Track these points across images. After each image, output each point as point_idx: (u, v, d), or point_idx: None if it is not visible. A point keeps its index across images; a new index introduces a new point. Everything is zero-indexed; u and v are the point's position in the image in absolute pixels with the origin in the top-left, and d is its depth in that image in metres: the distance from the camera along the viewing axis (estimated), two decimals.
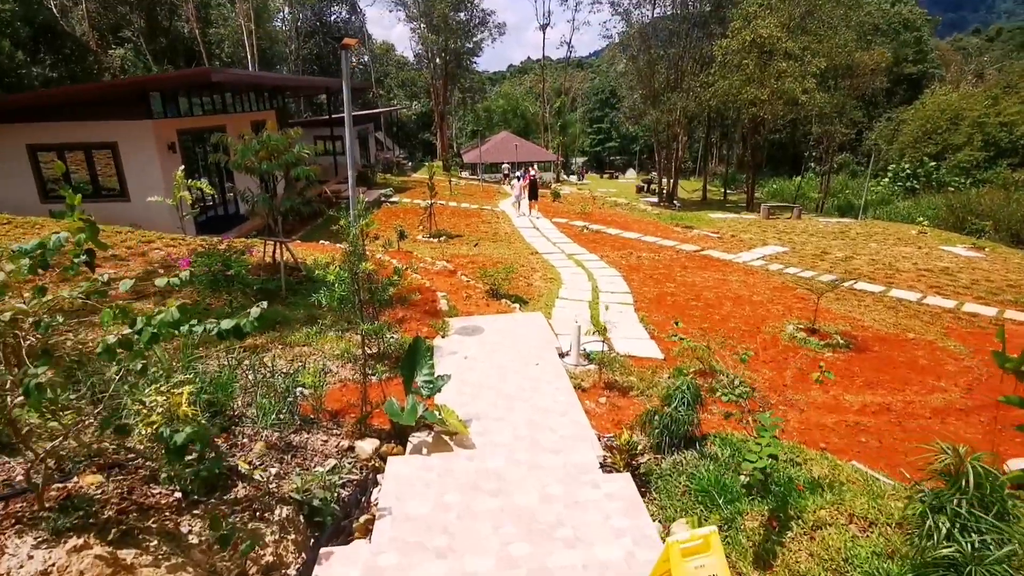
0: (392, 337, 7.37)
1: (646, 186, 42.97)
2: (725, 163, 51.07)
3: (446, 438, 5.33)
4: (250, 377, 5.47)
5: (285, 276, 9.14)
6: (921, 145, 39.12)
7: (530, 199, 22.85)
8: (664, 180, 37.20)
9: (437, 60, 42.67)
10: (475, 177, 40.36)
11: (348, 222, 5.76)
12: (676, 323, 9.40)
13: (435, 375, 5.20)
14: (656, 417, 5.56)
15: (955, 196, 31.16)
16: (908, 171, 37.97)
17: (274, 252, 9.75)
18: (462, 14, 43.56)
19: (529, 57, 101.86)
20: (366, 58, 62.37)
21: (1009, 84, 41.54)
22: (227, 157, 9.58)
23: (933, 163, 37.83)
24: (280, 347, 7.06)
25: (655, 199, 36.67)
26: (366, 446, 5.05)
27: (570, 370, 7.40)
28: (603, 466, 5.15)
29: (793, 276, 15.25)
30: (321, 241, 15.23)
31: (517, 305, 10.18)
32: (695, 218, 27.60)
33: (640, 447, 5.43)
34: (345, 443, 5.09)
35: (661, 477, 5.08)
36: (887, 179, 39.05)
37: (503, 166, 41.16)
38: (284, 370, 5.74)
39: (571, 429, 5.80)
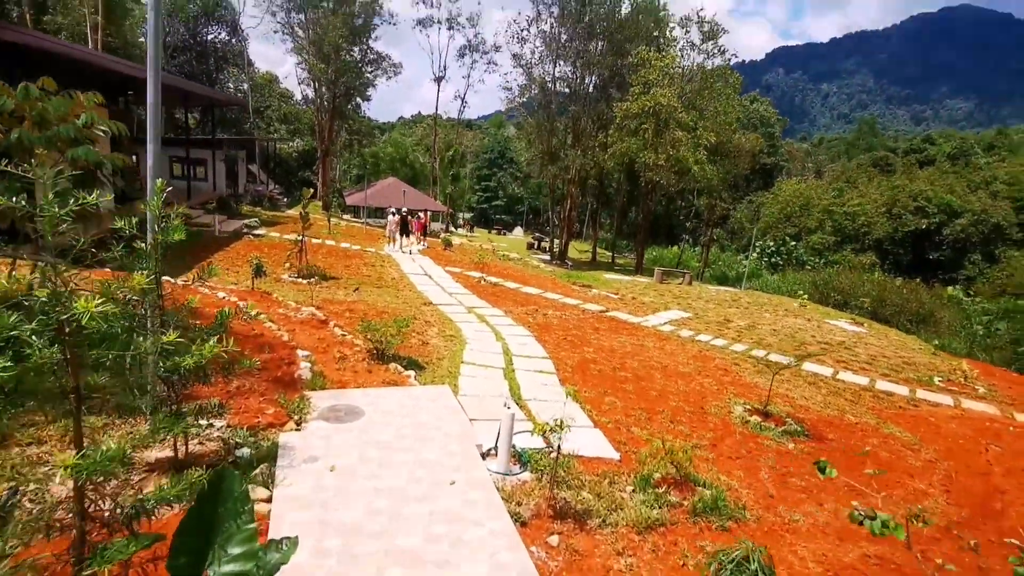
0: (206, 430, 4.37)
1: (536, 243, 42.33)
2: (610, 229, 52.67)
3: None
4: None
5: None
6: (782, 226, 42.67)
7: (405, 235, 23.07)
8: (556, 239, 36.62)
9: (324, 91, 39.57)
10: (358, 220, 37.12)
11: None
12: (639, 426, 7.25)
13: (259, 552, 2.36)
14: None
15: (816, 274, 33.65)
16: (772, 248, 40.95)
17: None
18: (356, 50, 41.24)
19: (420, 112, 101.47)
20: (245, 85, 57.51)
21: (849, 180, 47.28)
22: None
23: (793, 243, 41.23)
24: None
25: (547, 257, 35.80)
26: None
27: (498, 483, 4.86)
28: None
29: (706, 344, 14.18)
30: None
31: (412, 372, 7.48)
32: (591, 278, 26.70)
33: None
34: None
35: None
36: (755, 254, 41.85)
37: (390, 209, 38.42)
38: None
39: None
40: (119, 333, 2.59)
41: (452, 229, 52.26)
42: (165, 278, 10.81)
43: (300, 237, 14.39)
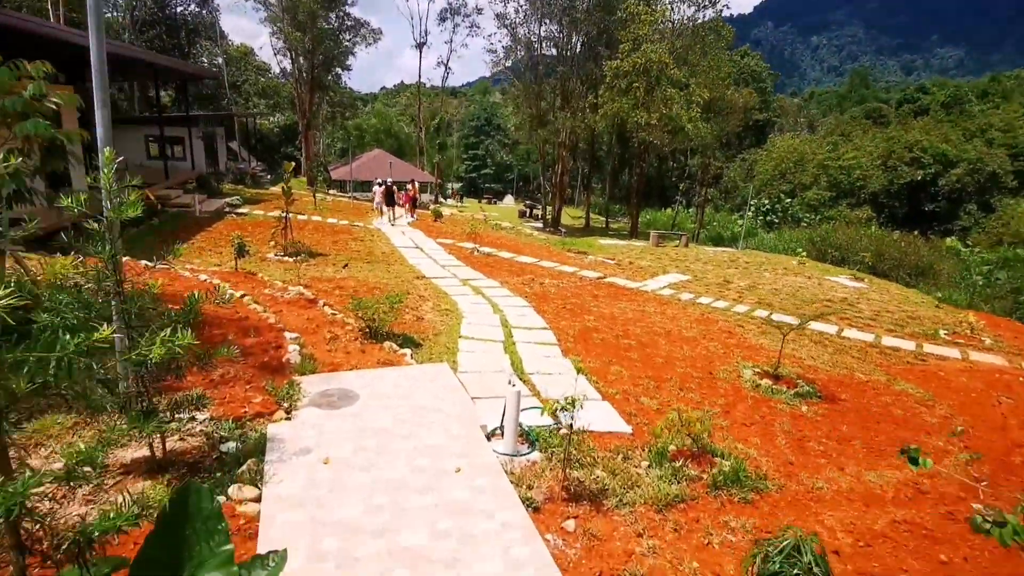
0: (187, 424, 3.98)
1: (528, 211, 41.67)
2: (601, 193, 51.97)
3: None
4: None
5: None
6: (777, 183, 42.13)
7: (391, 206, 22.87)
8: (548, 206, 36.00)
9: (302, 62, 38.18)
10: (345, 195, 36.32)
11: None
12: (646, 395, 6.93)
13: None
14: None
15: (813, 231, 33.32)
16: (768, 207, 40.49)
17: None
18: (332, 16, 39.64)
19: (403, 81, 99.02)
20: (220, 59, 55.66)
21: (843, 133, 46.57)
22: None
23: (788, 200, 40.78)
24: None
25: (539, 224, 35.24)
26: None
27: (506, 466, 4.53)
28: None
29: (708, 306, 13.89)
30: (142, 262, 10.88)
31: (408, 351, 7.10)
32: (585, 244, 26.25)
33: None
34: None
35: None
36: (750, 213, 41.42)
37: (376, 181, 37.62)
38: None
39: None
40: (40, 331, 2.16)
41: (441, 200, 51.41)
42: (142, 261, 10.33)
43: (284, 214, 13.82)
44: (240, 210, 20.49)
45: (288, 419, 4.67)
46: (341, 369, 6.11)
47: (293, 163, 13.63)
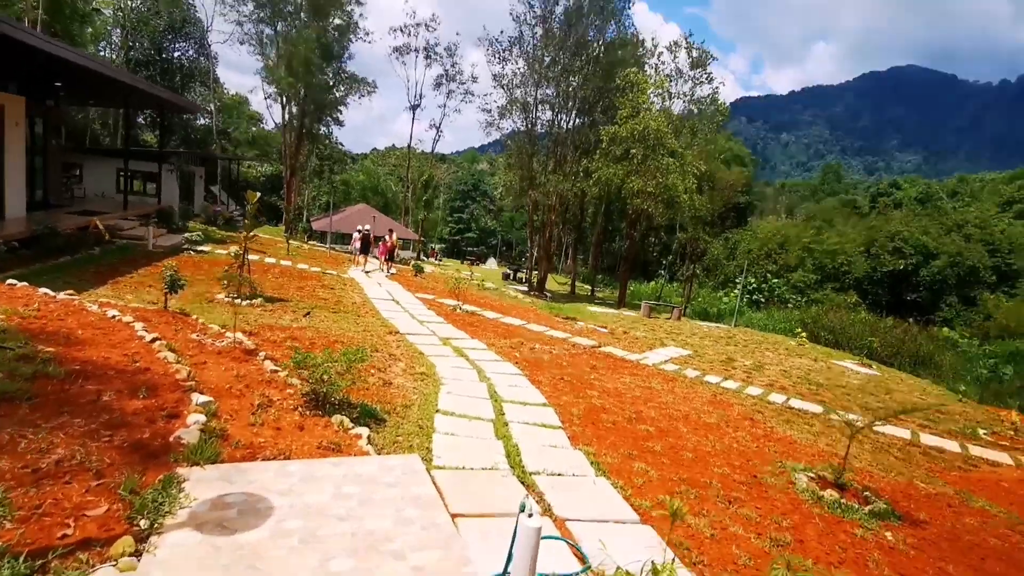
0: None
1: (512, 274, 40.32)
2: (583, 263, 51.21)
3: None
4: None
5: None
6: (764, 263, 41.73)
7: (364, 253, 21.85)
8: (533, 269, 34.68)
9: (293, 108, 37.38)
10: (323, 245, 34.63)
11: None
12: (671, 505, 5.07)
13: None
14: None
15: (803, 312, 32.43)
16: (754, 285, 39.85)
17: None
18: (328, 70, 39.32)
19: (394, 144, 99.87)
20: (213, 105, 55.08)
21: (826, 219, 47.03)
22: None
23: (775, 280, 40.23)
24: None
25: (524, 288, 33.75)
26: None
27: None
28: None
29: (717, 386, 12.28)
30: (43, 289, 8.81)
31: (364, 430, 5.11)
32: (574, 310, 24.69)
33: None
34: None
35: None
36: (736, 291, 40.69)
37: (357, 228, 36.13)
38: None
39: None
40: None
41: (423, 258, 49.99)
42: (42, 288, 8.31)
43: (242, 251, 11.96)
44: (201, 247, 18.52)
45: (135, 555, 2.66)
46: (260, 456, 4.11)
47: (258, 193, 11.89)
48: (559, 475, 5.06)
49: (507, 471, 4.75)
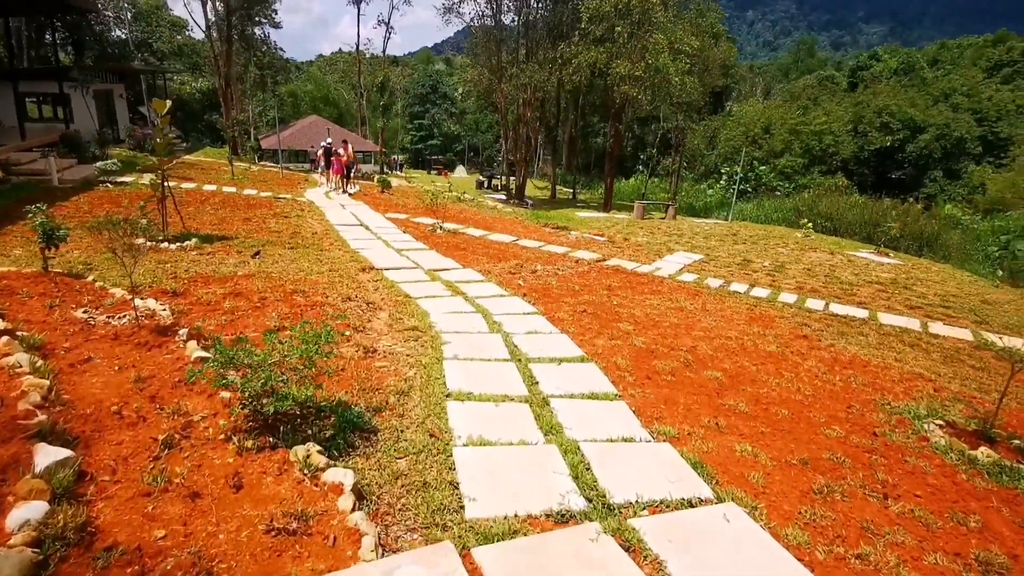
0: None
1: (487, 181, 37.50)
2: (558, 163, 48.14)
3: None
4: None
5: None
6: (750, 149, 39.53)
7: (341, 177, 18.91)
8: (510, 175, 31.99)
9: (218, 7, 32.22)
10: (276, 165, 31.10)
11: None
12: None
13: None
14: None
15: (796, 199, 30.85)
16: (740, 175, 37.95)
17: None
18: None
19: (340, 49, 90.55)
20: (128, 14, 48.10)
21: (812, 98, 44.41)
22: None
23: (762, 167, 38.28)
24: None
25: (502, 196, 31.22)
26: None
27: None
28: None
29: (748, 296, 10.67)
30: None
31: (346, 476, 3.13)
32: (563, 217, 22.58)
33: None
34: None
35: None
36: (722, 183, 38.76)
37: (311, 148, 32.59)
38: None
39: None
40: None
41: (387, 171, 46.45)
42: None
43: (159, 180, 9.39)
44: (121, 178, 15.54)
45: None
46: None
47: (169, 101, 9.11)
48: (663, 504, 3.24)
49: (593, 529, 2.89)
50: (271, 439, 3.29)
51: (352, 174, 20.78)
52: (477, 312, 7.07)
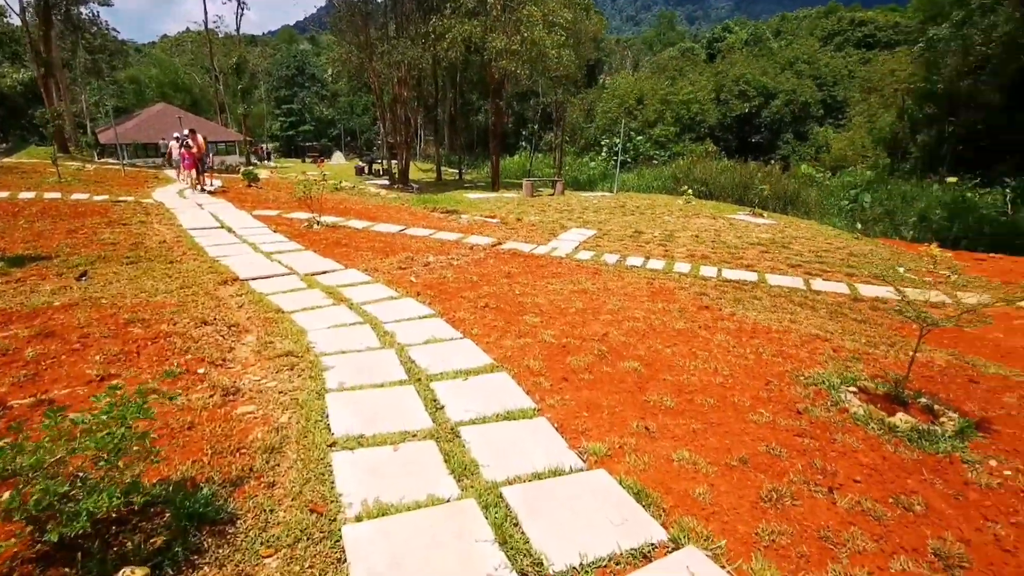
0: None
1: (367, 167, 35.45)
2: (440, 143, 46.87)
3: None
4: None
5: None
6: (626, 121, 40.72)
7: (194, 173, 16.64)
8: (392, 159, 30.37)
9: None
10: (119, 162, 27.15)
11: None
12: None
13: None
14: None
15: (673, 167, 32.19)
16: (620, 146, 39.08)
17: None
18: None
19: (188, 28, 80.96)
20: None
21: (678, 69, 46.57)
22: None
23: (639, 137, 39.60)
24: None
25: (385, 181, 29.58)
26: None
27: None
28: None
29: (645, 269, 10.70)
30: None
31: None
32: (451, 200, 21.68)
33: None
34: None
35: None
36: (603, 155, 39.65)
37: (162, 141, 28.90)
38: None
39: None
40: None
41: (255, 162, 42.63)
42: None
43: None
44: None
45: None
46: None
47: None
48: (613, 563, 2.64)
49: None
50: (67, 570, 2.27)
51: (207, 167, 18.44)
52: (364, 322, 6.13)
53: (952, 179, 21.75)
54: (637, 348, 6.12)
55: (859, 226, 16.91)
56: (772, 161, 38.21)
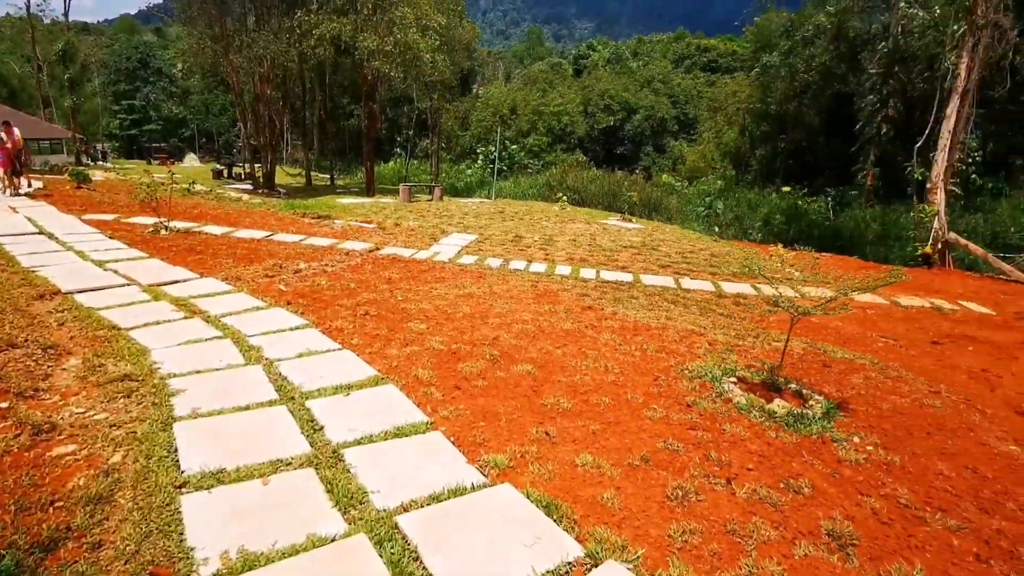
0: None
1: (227, 169, 32.45)
2: (309, 147, 44.43)
3: None
4: None
5: None
6: (501, 130, 41.41)
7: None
8: (255, 162, 28.05)
9: None
10: None
11: None
12: None
13: None
14: None
15: (547, 175, 33.18)
16: (496, 154, 39.61)
17: None
18: None
19: (8, 14, 69.01)
20: None
21: (548, 81, 48.35)
22: None
23: (514, 146, 40.41)
24: None
25: (248, 186, 27.22)
26: None
27: None
28: None
29: (528, 272, 10.79)
30: None
31: None
32: (323, 205, 20.40)
33: None
34: None
35: None
36: (479, 162, 39.92)
37: None
38: None
39: None
40: None
41: (88, 161, 37.41)
42: None
43: None
44: None
45: None
46: None
47: None
48: None
49: None
50: None
51: (23, 167, 15.66)
52: (224, 336, 5.33)
53: (786, 188, 24.69)
54: (529, 351, 5.96)
55: (716, 230, 18.48)
56: (636, 171, 40.82)
